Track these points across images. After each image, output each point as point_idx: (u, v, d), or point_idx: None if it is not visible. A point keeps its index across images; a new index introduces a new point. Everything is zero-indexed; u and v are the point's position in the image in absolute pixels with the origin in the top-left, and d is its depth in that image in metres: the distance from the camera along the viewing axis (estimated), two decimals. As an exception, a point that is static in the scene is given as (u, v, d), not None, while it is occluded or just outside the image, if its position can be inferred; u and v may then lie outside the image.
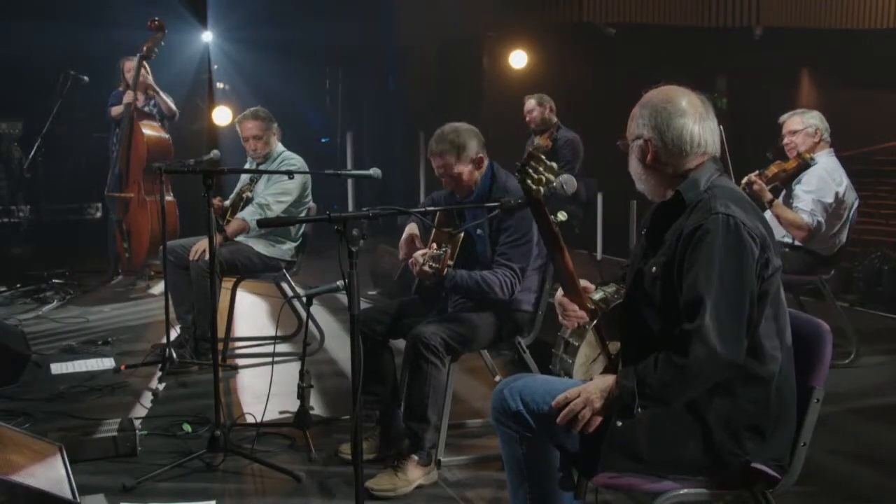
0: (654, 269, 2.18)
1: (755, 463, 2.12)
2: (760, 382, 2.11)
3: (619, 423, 2.11)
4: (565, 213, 2.22)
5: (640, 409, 2.06)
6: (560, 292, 2.39)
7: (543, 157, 2.12)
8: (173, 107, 6.69)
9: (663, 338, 2.11)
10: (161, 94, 6.60)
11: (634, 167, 2.28)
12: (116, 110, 6.62)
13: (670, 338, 2.07)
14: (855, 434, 3.76)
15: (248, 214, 4.76)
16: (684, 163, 2.21)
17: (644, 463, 2.13)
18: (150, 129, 6.55)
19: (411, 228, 3.54)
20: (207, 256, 3.76)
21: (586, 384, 2.17)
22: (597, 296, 2.39)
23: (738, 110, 10.14)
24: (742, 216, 2.07)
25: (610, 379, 2.15)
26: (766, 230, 2.13)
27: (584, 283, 2.41)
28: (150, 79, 6.54)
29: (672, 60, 8.69)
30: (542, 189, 2.12)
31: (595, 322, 2.32)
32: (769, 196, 4.43)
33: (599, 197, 7.57)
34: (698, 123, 2.20)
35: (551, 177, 2.11)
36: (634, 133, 2.25)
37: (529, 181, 2.12)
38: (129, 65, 6.62)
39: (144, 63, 6.51)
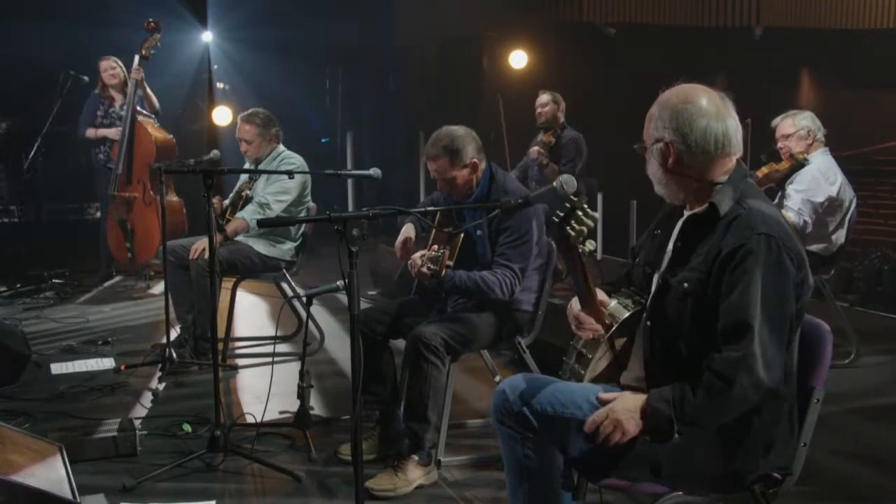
0: (685, 284, 2.11)
1: (765, 473, 2.12)
2: (781, 399, 2.09)
3: (647, 438, 2.07)
4: (594, 243, 2.17)
5: (678, 435, 2.02)
6: (576, 305, 2.33)
7: (586, 206, 2.05)
8: (157, 104, 6.69)
9: (692, 354, 2.07)
10: (148, 90, 6.60)
11: (654, 171, 2.19)
12: (93, 133, 6.63)
13: (699, 355, 2.03)
14: (855, 434, 3.76)
15: (248, 214, 4.76)
16: (709, 166, 2.15)
17: (661, 476, 2.09)
18: (155, 129, 6.57)
19: (407, 230, 3.54)
20: (207, 256, 3.76)
21: (613, 405, 2.11)
22: (612, 305, 2.34)
23: (738, 110, 10.12)
24: (782, 235, 2.02)
25: (639, 399, 2.09)
26: (799, 241, 2.08)
27: (600, 295, 2.34)
28: (142, 73, 6.50)
29: (672, 60, 8.68)
30: (580, 238, 2.05)
31: (609, 334, 2.30)
32: None
33: (599, 197, 7.57)
34: (721, 122, 2.13)
35: (591, 224, 2.04)
36: (654, 136, 2.16)
37: (570, 230, 2.04)
38: (106, 64, 6.62)
39: (117, 62, 6.59)
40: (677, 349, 2.14)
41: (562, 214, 2.06)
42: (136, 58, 6.38)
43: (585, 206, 2.05)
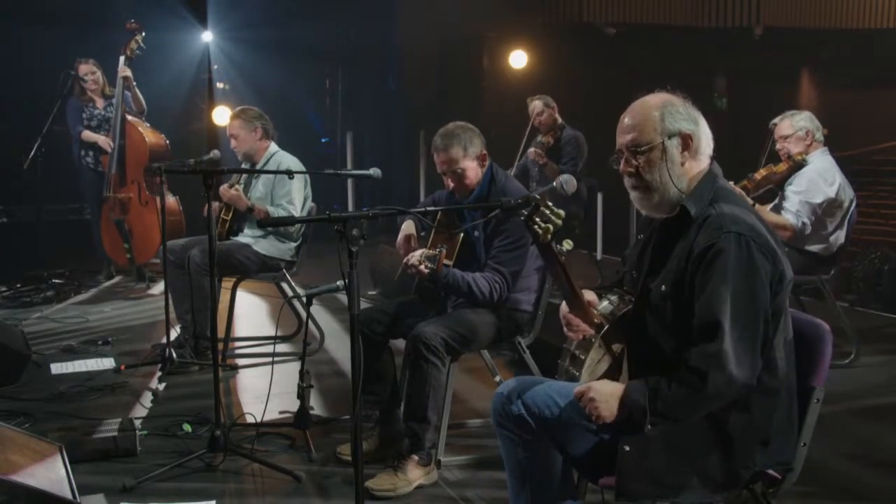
0: (662, 287, 2.13)
1: (764, 470, 2.12)
2: (772, 393, 2.09)
3: (627, 448, 2.08)
4: (570, 242, 2.18)
5: (650, 427, 2.04)
6: (565, 307, 2.36)
7: (550, 204, 2.10)
8: (144, 104, 6.68)
9: (675, 354, 2.08)
10: (136, 90, 6.60)
11: (668, 171, 2.15)
12: (88, 136, 6.63)
13: (682, 355, 2.04)
14: (855, 434, 3.76)
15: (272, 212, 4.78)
16: (701, 161, 2.19)
17: (662, 485, 2.09)
18: (146, 130, 6.57)
19: (407, 228, 3.53)
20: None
21: (593, 384, 2.14)
22: (602, 306, 2.35)
23: (738, 110, 10.15)
24: (751, 232, 2.03)
25: (618, 388, 2.11)
26: (773, 237, 2.09)
27: (588, 295, 2.36)
28: (129, 72, 6.50)
29: (672, 60, 8.69)
30: (549, 236, 2.09)
31: (601, 334, 2.31)
32: (749, 202, 4.43)
33: (599, 197, 7.58)
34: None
35: (559, 222, 2.08)
36: (668, 130, 2.15)
37: (537, 227, 2.09)
38: (86, 68, 6.62)
39: (97, 66, 6.61)
40: (660, 349, 2.15)
41: (526, 213, 2.08)
42: (121, 59, 6.39)
43: (550, 203, 2.07)
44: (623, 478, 2.09)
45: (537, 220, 2.08)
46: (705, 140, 2.20)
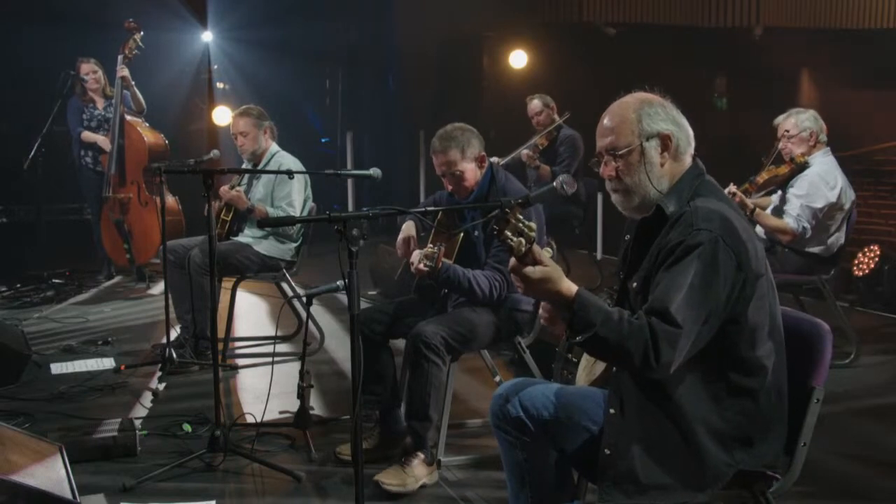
0: (634, 284, 2.13)
1: (747, 469, 2.10)
2: (749, 392, 2.06)
3: (608, 452, 2.07)
4: (550, 251, 2.14)
5: (579, 338, 1.96)
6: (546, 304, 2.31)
7: (519, 216, 2.03)
8: (143, 103, 6.68)
9: None
10: (135, 89, 6.60)
11: (646, 173, 2.13)
12: (88, 136, 6.63)
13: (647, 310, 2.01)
14: (855, 434, 3.76)
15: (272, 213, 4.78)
16: (682, 160, 2.18)
17: (643, 486, 2.05)
18: (145, 130, 6.58)
19: (408, 229, 3.53)
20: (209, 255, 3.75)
21: (551, 273, 2.01)
22: None
23: (738, 110, 10.14)
24: (723, 230, 1.99)
25: (570, 290, 2.00)
26: (749, 235, 2.05)
27: None
28: (126, 72, 6.50)
29: (672, 60, 8.68)
30: (522, 248, 2.00)
31: None
32: (750, 206, 4.43)
33: (599, 197, 7.57)
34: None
35: (532, 234, 2.01)
36: (645, 132, 2.13)
37: (510, 241, 2.01)
38: (87, 67, 6.62)
39: (98, 66, 6.63)
40: None
41: (497, 228, 2.04)
42: (119, 58, 6.39)
43: (520, 216, 2.02)
44: (605, 481, 2.07)
45: (508, 233, 2.01)
46: (685, 139, 2.18)
